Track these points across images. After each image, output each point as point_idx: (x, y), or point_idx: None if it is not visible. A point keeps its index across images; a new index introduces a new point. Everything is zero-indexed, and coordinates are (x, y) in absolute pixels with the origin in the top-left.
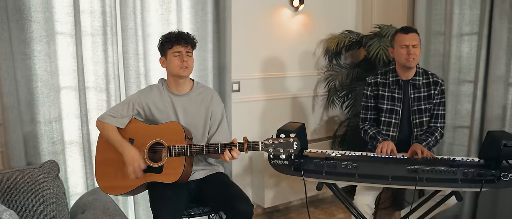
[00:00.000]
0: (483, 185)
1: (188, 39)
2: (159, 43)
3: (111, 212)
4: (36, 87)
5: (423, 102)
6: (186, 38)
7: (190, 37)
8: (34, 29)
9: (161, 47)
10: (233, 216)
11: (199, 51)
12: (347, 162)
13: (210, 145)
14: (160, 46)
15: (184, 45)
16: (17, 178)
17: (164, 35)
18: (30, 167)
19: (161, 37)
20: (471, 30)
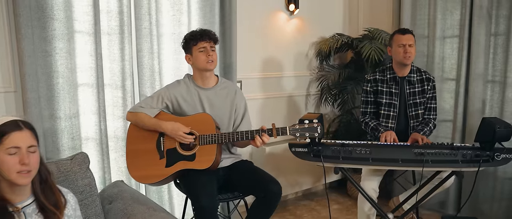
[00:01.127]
0: (480, 165)
1: (211, 35)
2: (183, 41)
3: (142, 201)
4: (57, 83)
5: (418, 96)
6: (209, 34)
7: (213, 34)
8: (56, 27)
9: (185, 45)
10: (265, 196)
11: None
12: (361, 148)
13: (241, 132)
14: (184, 44)
15: (208, 41)
16: (52, 169)
17: (187, 34)
18: (63, 160)
19: (185, 36)
20: (453, 33)
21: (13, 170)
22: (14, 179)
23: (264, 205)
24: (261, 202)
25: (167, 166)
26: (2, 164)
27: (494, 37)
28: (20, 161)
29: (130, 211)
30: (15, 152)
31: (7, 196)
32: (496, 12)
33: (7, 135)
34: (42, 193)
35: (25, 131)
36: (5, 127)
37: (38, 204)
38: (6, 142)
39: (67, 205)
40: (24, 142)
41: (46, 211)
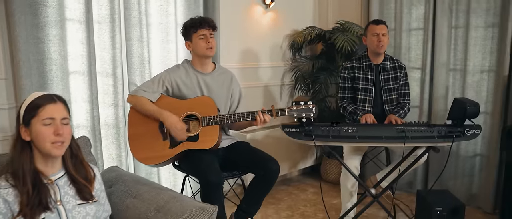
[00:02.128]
0: (454, 139)
1: (210, 22)
2: (183, 29)
3: (143, 182)
4: (50, 70)
5: (392, 82)
6: (208, 22)
7: (212, 21)
8: (49, 13)
9: (185, 32)
10: (264, 174)
11: None
12: (348, 127)
13: (242, 113)
14: (184, 31)
15: (207, 28)
16: None
17: (187, 21)
18: None
19: (185, 23)
20: (418, 26)
21: (48, 140)
22: (49, 150)
23: (263, 182)
24: (260, 179)
25: (171, 147)
26: (38, 134)
27: (455, 29)
28: (55, 132)
29: (135, 191)
30: (49, 123)
31: (41, 168)
32: (456, 7)
33: (43, 107)
34: (73, 167)
35: (59, 104)
36: (41, 100)
37: (69, 177)
38: (42, 113)
39: (95, 179)
40: (58, 113)
41: (78, 184)
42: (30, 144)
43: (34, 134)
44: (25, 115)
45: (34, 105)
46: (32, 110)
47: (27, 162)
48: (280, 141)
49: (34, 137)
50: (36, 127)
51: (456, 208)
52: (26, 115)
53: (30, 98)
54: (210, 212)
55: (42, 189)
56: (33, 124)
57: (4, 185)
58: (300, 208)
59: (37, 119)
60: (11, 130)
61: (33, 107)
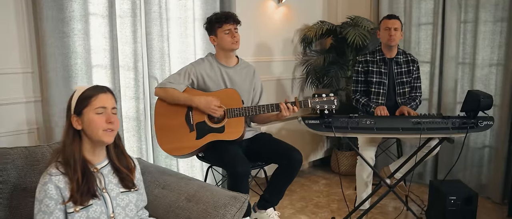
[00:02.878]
0: (468, 130)
1: (235, 18)
2: (207, 23)
3: (169, 172)
4: (75, 64)
5: (405, 76)
6: (233, 17)
7: (236, 16)
8: (74, 8)
9: (209, 27)
10: (288, 164)
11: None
12: (366, 119)
13: (267, 105)
14: (208, 26)
15: (232, 23)
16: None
17: (212, 16)
18: None
19: (210, 18)
20: (427, 21)
21: (101, 127)
22: (101, 137)
23: (287, 172)
24: (284, 169)
25: (197, 138)
26: (90, 123)
27: (464, 24)
28: (107, 120)
29: (163, 182)
30: (101, 112)
31: (89, 157)
32: (465, 2)
33: (95, 96)
34: (116, 156)
35: (108, 94)
36: (92, 90)
37: (112, 166)
38: (95, 102)
39: (136, 169)
40: (109, 103)
41: (120, 172)
42: (79, 134)
43: (87, 123)
44: (77, 105)
45: (86, 96)
46: (85, 100)
47: (77, 150)
48: (294, 134)
49: (87, 125)
50: (88, 116)
51: (469, 197)
52: (78, 105)
53: (80, 90)
54: (242, 201)
55: (90, 177)
56: (85, 113)
57: (55, 172)
58: (313, 199)
59: (89, 108)
60: (37, 123)
61: (85, 97)
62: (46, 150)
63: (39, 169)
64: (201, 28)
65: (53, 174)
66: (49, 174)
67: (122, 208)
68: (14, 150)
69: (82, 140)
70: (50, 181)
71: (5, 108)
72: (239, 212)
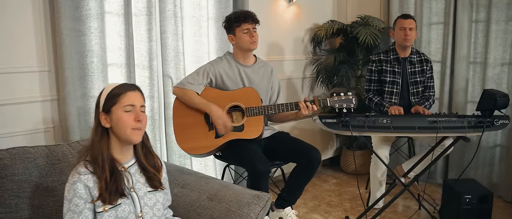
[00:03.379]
0: (484, 129)
1: (254, 17)
2: (225, 22)
3: (187, 171)
4: (91, 63)
5: (418, 75)
6: (252, 16)
7: (255, 15)
8: (91, 6)
9: (228, 26)
10: (307, 163)
11: (221, 34)
12: (383, 118)
13: (286, 104)
14: (227, 25)
15: (251, 23)
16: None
17: (230, 15)
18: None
19: (229, 17)
20: (438, 20)
21: (129, 126)
22: (129, 135)
23: (305, 170)
24: (303, 168)
25: (216, 137)
26: (119, 121)
27: (475, 23)
28: (135, 118)
29: (182, 181)
30: (130, 109)
31: (116, 156)
32: (477, 2)
33: (124, 94)
34: (143, 155)
35: (137, 92)
36: (121, 88)
37: (139, 165)
38: (123, 100)
39: (162, 168)
40: (138, 101)
41: (147, 172)
42: (107, 132)
43: (115, 121)
44: (106, 103)
45: (115, 93)
46: (113, 97)
47: (105, 149)
48: (305, 133)
49: (115, 123)
50: (117, 114)
51: (484, 196)
52: (107, 103)
53: (109, 87)
54: (266, 199)
55: (118, 176)
56: (114, 111)
57: (84, 171)
58: (325, 198)
59: (118, 106)
60: (53, 122)
61: (114, 95)
62: (66, 149)
63: (60, 168)
64: (214, 27)
65: (82, 173)
66: (78, 173)
67: (149, 208)
68: (34, 149)
69: (110, 139)
70: (79, 180)
71: (22, 107)
72: (262, 210)
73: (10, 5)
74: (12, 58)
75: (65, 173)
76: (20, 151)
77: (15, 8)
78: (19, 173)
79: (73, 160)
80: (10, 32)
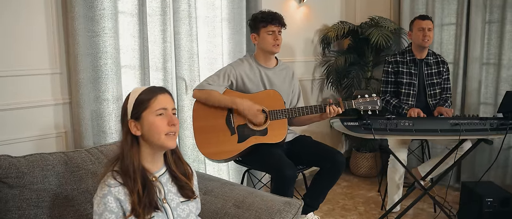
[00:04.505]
0: (507, 131)
1: (281, 20)
2: (251, 20)
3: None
4: (105, 64)
5: (435, 77)
6: (280, 19)
7: (282, 18)
8: (105, 6)
9: (253, 24)
10: (332, 166)
11: (234, 35)
12: (405, 120)
13: (310, 106)
14: (252, 23)
15: (278, 25)
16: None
17: (257, 13)
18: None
19: (254, 15)
20: (450, 21)
21: (163, 131)
22: (164, 141)
23: (330, 174)
24: (327, 172)
25: (239, 141)
26: (152, 126)
27: (489, 24)
28: (169, 122)
29: (204, 187)
30: (162, 113)
31: (147, 165)
32: (491, 2)
33: (154, 98)
34: (174, 163)
35: (167, 95)
36: (150, 92)
37: (170, 174)
38: (154, 104)
39: (193, 176)
40: (169, 103)
41: (179, 181)
42: (137, 140)
43: (147, 127)
44: (135, 108)
45: (144, 98)
46: (143, 103)
47: (136, 158)
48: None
49: (147, 130)
50: (148, 119)
51: (506, 198)
52: (136, 109)
53: (135, 93)
54: (297, 206)
55: (151, 188)
56: (144, 117)
57: (114, 183)
58: (339, 201)
59: (149, 111)
60: (65, 127)
61: (143, 99)
62: (85, 155)
63: (80, 176)
64: (227, 27)
65: (112, 185)
66: (108, 185)
67: None
68: (53, 156)
69: (140, 147)
70: (109, 193)
71: (33, 111)
72: (294, 218)
73: (21, 5)
74: (23, 60)
75: (85, 181)
76: (38, 158)
77: (26, 8)
78: (38, 182)
79: (93, 167)
80: (21, 33)
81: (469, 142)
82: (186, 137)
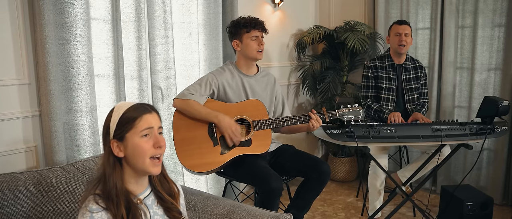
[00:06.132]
0: (486, 136)
1: (263, 25)
2: (231, 26)
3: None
4: (78, 74)
5: (413, 82)
6: (262, 24)
7: (264, 23)
8: (77, 12)
9: (235, 31)
10: (318, 176)
11: (211, 41)
12: (387, 127)
13: (294, 116)
14: (233, 29)
15: (260, 31)
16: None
17: (239, 19)
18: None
19: (235, 22)
20: (424, 26)
21: (147, 154)
22: (148, 167)
23: (315, 184)
24: (313, 182)
25: (222, 153)
26: (136, 149)
27: (462, 29)
28: (155, 144)
29: (187, 202)
30: (147, 133)
31: (131, 187)
32: (463, 8)
33: (140, 118)
34: (159, 183)
35: (154, 113)
36: (136, 110)
37: (156, 195)
38: (140, 124)
39: (180, 195)
40: (155, 122)
41: (165, 201)
42: (120, 161)
43: (131, 149)
44: (118, 128)
45: (129, 117)
46: (128, 122)
47: (119, 181)
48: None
49: (130, 152)
50: (133, 141)
51: (485, 202)
52: (119, 129)
53: (119, 110)
54: None
55: (135, 212)
56: (128, 138)
57: (96, 208)
58: (318, 208)
59: (134, 132)
60: (35, 140)
61: (129, 119)
62: (60, 173)
63: (55, 196)
64: (204, 33)
65: (94, 211)
66: (90, 211)
67: None
68: (24, 175)
69: (123, 169)
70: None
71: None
72: None
73: None
74: None
75: (61, 201)
76: (8, 179)
77: None
78: (9, 205)
79: (69, 185)
80: None
81: (448, 147)
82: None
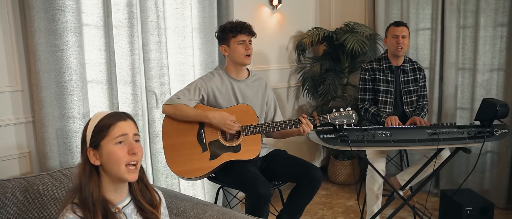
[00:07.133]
0: (485, 139)
1: (251, 29)
2: (219, 31)
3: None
4: (70, 80)
5: (411, 84)
6: (249, 27)
7: (251, 27)
8: (68, 19)
9: (222, 36)
10: (309, 182)
11: (206, 44)
12: (382, 131)
13: (284, 121)
14: (220, 34)
15: (247, 35)
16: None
17: (225, 24)
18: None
19: (223, 26)
20: (425, 26)
21: (123, 161)
22: (123, 174)
23: (307, 190)
24: (305, 187)
25: (211, 158)
26: (110, 156)
27: (463, 29)
28: (129, 151)
29: (176, 208)
30: (122, 140)
31: (109, 196)
32: (464, 7)
33: (114, 125)
34: (139, 192)
35: (129, 121)
36: (110, 118)
37: (135, 204)
38: (114, 132)
39: (161, 203)
40: (130, 129)
41: (145, 211)
42: (97, 169)
43: (106, 157)
44: (93, 136)
45: (104, 125)
46: (102, 130)
47: (96, 190)
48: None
49: (106, 160)
50: (107, 148)
51: (485, 207)
52: (95, 137)
53: (95, 118)
54: None
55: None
56: (103, 146)
57: (73, 217)
58: (317, 212)
59: (108, 139)
60: (28, 147)
61: (103, 126)
62: (48, 180)
63: (42, 202)
64: (199, 37)
65: None
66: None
67: None
68: (11, 183)
69: (100, 177)
70: None
71: None
72: None
73: None
74: None
75: (47, 208)
76: None
77: None
78: None
79: (56, 192)
80: None
81: (448, 150)
82: (158, 152)
